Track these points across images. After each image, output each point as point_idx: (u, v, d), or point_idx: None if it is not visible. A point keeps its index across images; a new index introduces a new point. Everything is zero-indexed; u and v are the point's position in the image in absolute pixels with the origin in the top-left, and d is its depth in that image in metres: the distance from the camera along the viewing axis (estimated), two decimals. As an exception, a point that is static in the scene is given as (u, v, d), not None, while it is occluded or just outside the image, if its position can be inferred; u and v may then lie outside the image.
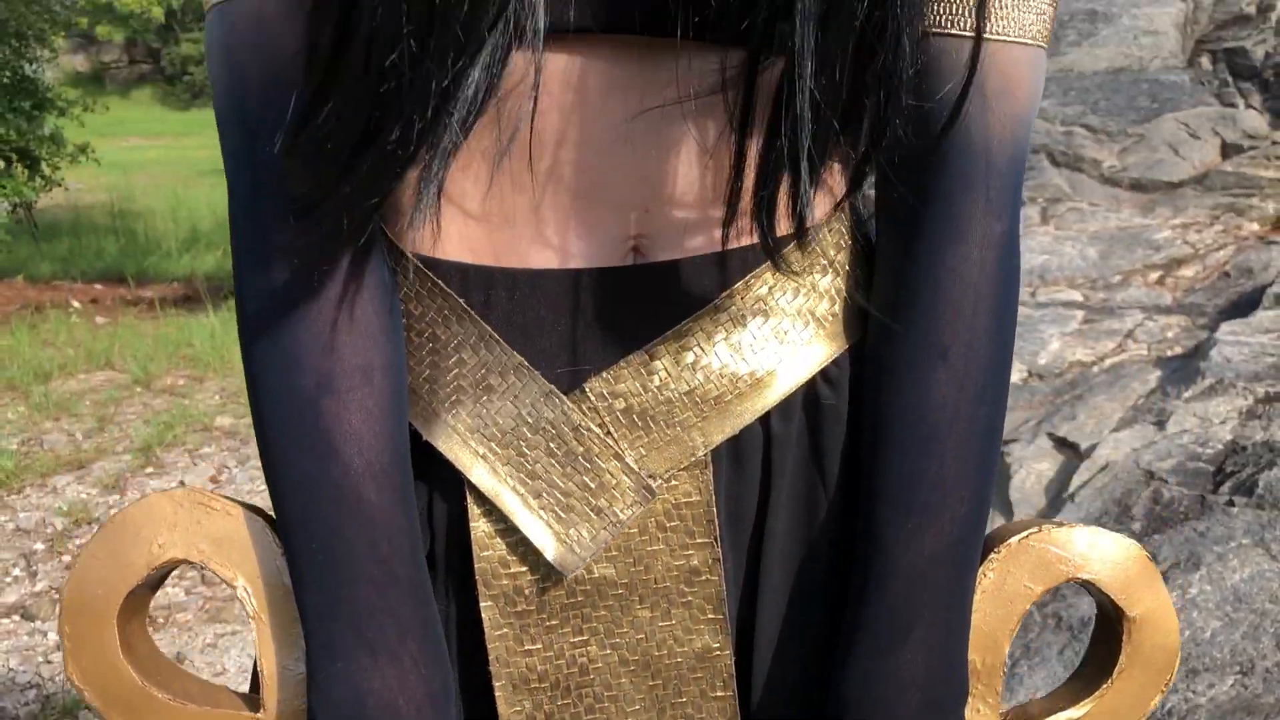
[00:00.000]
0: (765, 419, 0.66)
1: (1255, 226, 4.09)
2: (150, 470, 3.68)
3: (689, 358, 0.65)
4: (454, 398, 0.65)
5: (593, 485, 0.65)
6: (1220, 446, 2.62)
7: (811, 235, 0.59)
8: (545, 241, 0.64)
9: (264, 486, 0.64)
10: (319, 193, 0.55)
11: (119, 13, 32.74)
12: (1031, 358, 3.44)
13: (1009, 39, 0.62)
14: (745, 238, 0.63)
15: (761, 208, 0.57)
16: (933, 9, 0.61)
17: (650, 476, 0.65)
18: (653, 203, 0.64)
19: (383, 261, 0.63)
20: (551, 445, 0.65)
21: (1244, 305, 3.53)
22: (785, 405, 0.67)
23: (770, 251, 0.60)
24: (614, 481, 0.65)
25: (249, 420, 4.29)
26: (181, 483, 3.55)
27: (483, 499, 0.65)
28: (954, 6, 0.61)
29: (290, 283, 0.59)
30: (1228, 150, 4.37)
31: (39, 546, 3.15)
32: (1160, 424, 2.78)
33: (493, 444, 0.64)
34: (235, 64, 0.60)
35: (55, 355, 5.48)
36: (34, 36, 10.07)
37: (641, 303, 0.65)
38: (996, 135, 0.63)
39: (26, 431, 4.17)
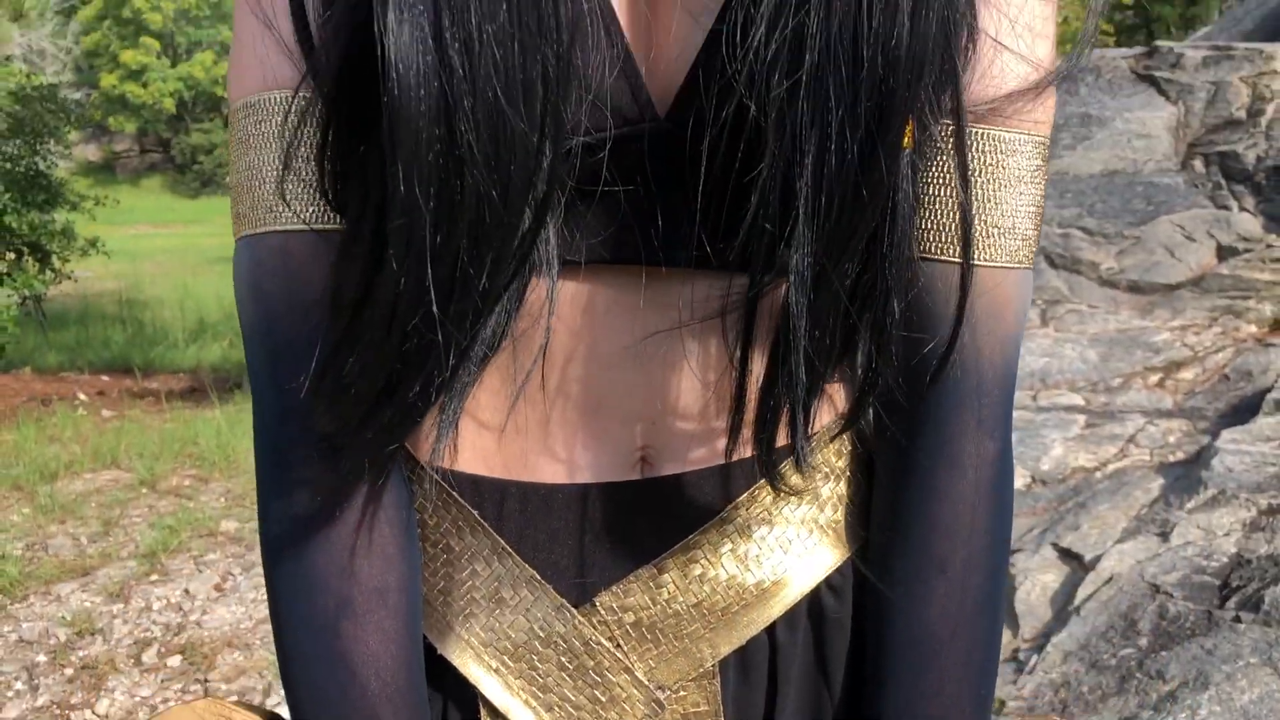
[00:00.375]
0: (771, 628, 0.68)
1: (1253, 329, 4.13)
2: (155, 578, 3.68)
3: (696, 570, 0.67)
4: (467, 610, 0.67)
5: (603, 699, 0.66)
6: (1225, 560, 2.63)
7: (807, 462, 0.61)
8: (554, 454, 0.67)
9: (266, 594, 0.66)
10: (342, 437, 0.58)
11: (131, 104, 33.39)
12: (1034, 463, 3.45)
13: (996, 265, 0.64)
14: (748, 449, 0.65)
15: (763, 443, 0.60)
16: (922, 235, 0.64)
17: (659, 689, 0.67)
18: (659, 416, 0.67)
19: (401, 479, 0.65)
20: (563, 659, 0.66)
21: (1244, 410, 3.56)
22: (790, 615, 0.69)
23: (772, 480, 0.62)
24: (624, 694, 0.66)
25: (254, 525, 4.28)
26: (186, 590, 3.55)
27: (496, 711, 0.66)
28: (942, 234, 0.64)
29: (311, 510, 0.62)
30: (1223, 253, 4.43)
31: (41, 658, 3.14)
32: (1164, 535, 2.79)
33: (505, 657, 0.66)
34: (262, 295, 0.62)
35: (61, 452, 5.49)
36: (48, 133, 10.26)
37: (649, 516, 0.67)
38: (987, 358, 0.65)
39: (31, 535, 4.18)
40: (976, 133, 0.62)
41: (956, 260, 0.62)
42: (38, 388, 8.50)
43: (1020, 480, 3.38)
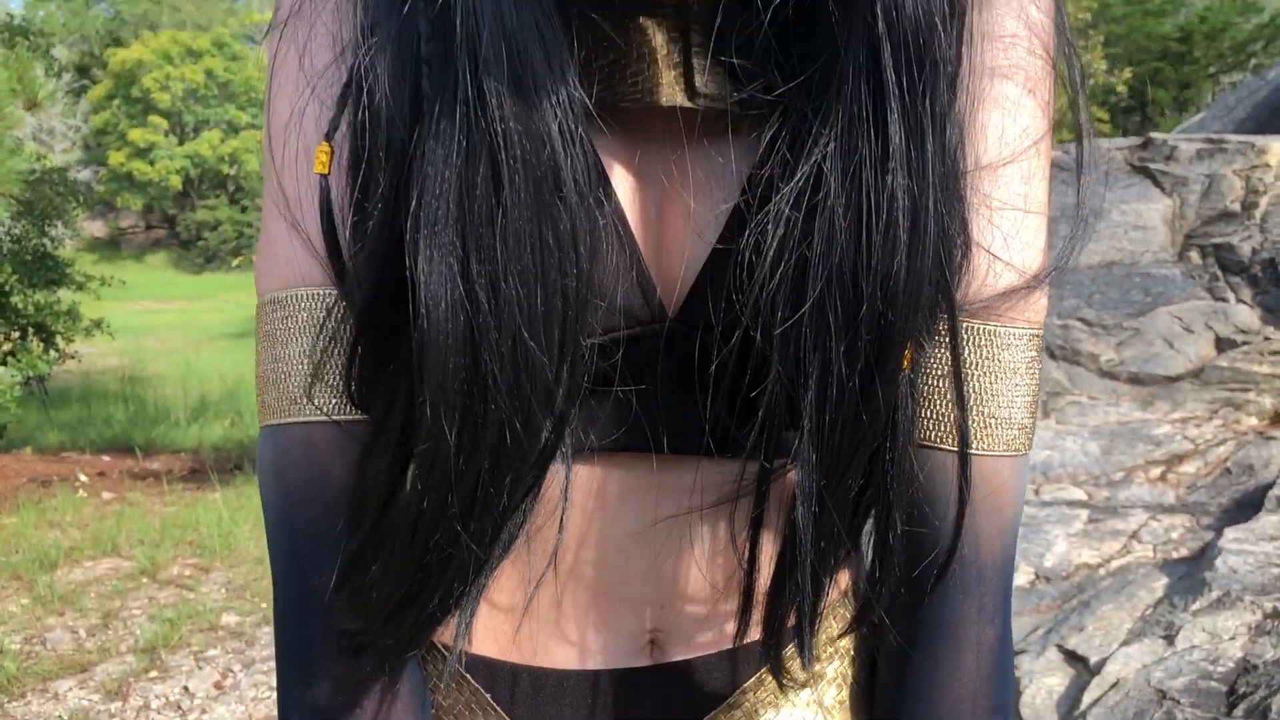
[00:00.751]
0: (778, 814, 0.69)
1: (1254, 421, 4.14)
2: (154, 674, 3.65)
3: None
4: (479, 795, 0.68)
5: None
6: (1231, 665, 2.61)
7: (813, 657, 0.63)
8: (566, 637, 0.68)
9: (268, 693, 0.66)
10: (363, 637, 0.59)
11: (138, 181, 33.80)
12: (1038, 559, 3.45)
13: (993, 454, 0.66)
14: (756, 631, 0.67)
15: (770, 649, 0.62)
16: (922, 424, 0.66)
17: None
18: (668, 600, 0.68)
19: (417, 663, 0.66)
20: None
21: (1246, 505, 3.56)
22: (797, 801, 0.70)
23: (779, 677, 0.64)
24: None
25: (254, 618, 4.27)
26: (185, 688, 3.52)
27: None
28: (941, 425, 0.66)
29: (331, 702, 0.63)
30: (1222, 344, 4.46)
31: (38, 760, 3.11)
32: (1169, 638, 2.77)
33: None
34: (285, 484, 0.64)
35: (61, 539, 5.48)
36: (56, 214, 10.37)
37: (658, 703, 0.68)
38: (986, 546, 0.67)
39: (30, 628, 4.15)
40: (972, 327, 0.64)
41: (954, 449, 0.64)
42: (38, 468, 8.48)
43: (1024, 577, 3.37)
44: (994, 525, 0.67)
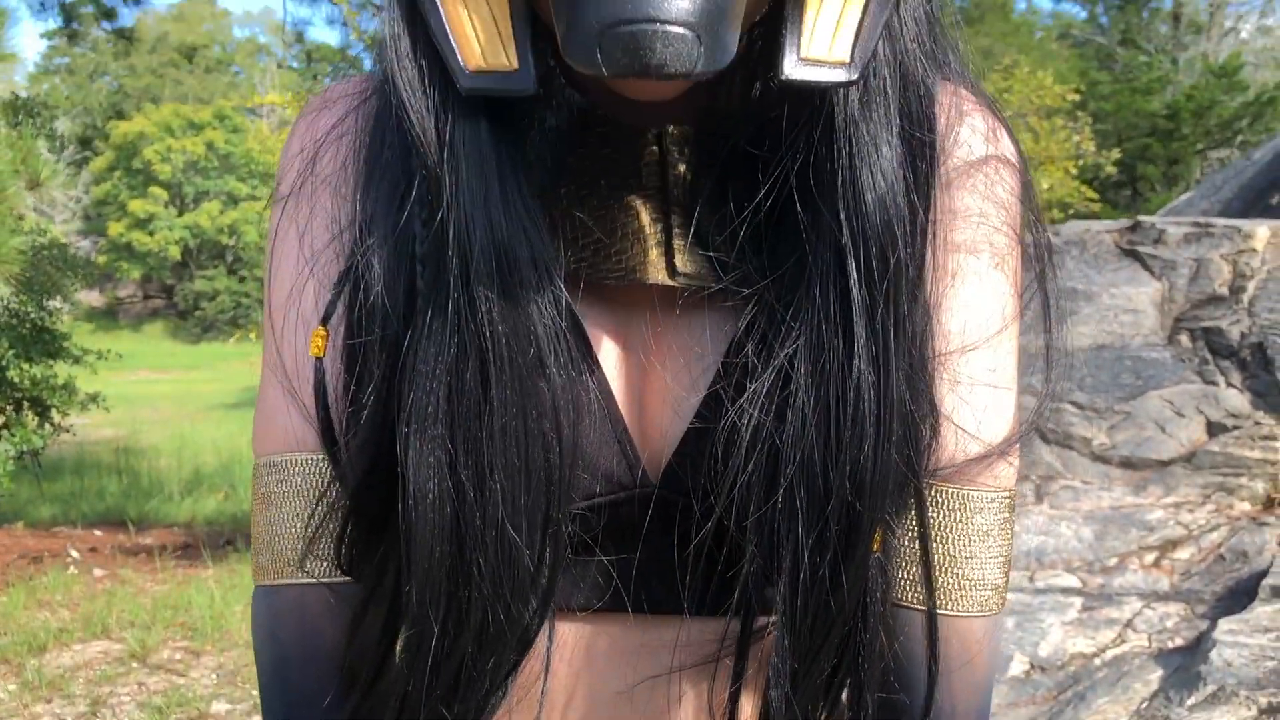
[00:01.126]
0: None
1: (1246, 506, 4.15)
2: (141, 766, 3.61)
3: None
4: None
5: None
6: (1228, 762, 2.60)
7: None
8: None
9: None
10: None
11: (137, 252, 34.00)
12: (1033, 649, 3.43)
13: (968, 615, 0.68)
14: None
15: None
16: (899, 585, 0.67)
17: None
18: (651, 759, 0.69)
19: None
20: None
21: (1240, 593, 3.55)
22: None
23: None
24: None
25: (244, 707, 4.23)
26: (172, 780, 3.47)
27: None
28: (918, 587, 0.67)
29: None
30: (1213, 429, 4.49)
31: None
32: (1165, 734, 2.76)
33: None
34: (278, 644, 0.66)
35: (50, 620, 5.43)
36: (54, 289, 10.40)
37: None
38: (961, 704, 0.68)
39: (17, 715, 4.10)
40: (944, 490, 0.66)
41: (921, 608, 0.66)
42: (30, 544, 8.42)
43: (1019, 667, 3.36)
44: (968, 684, 0.68)
